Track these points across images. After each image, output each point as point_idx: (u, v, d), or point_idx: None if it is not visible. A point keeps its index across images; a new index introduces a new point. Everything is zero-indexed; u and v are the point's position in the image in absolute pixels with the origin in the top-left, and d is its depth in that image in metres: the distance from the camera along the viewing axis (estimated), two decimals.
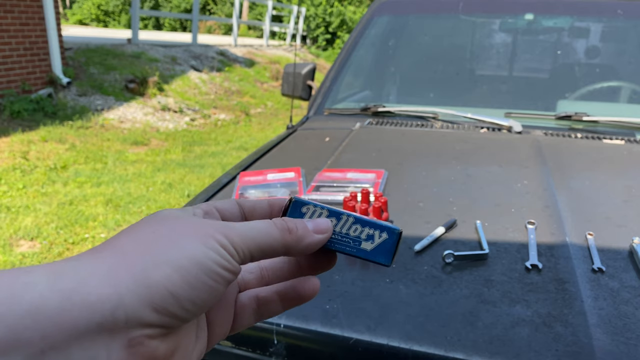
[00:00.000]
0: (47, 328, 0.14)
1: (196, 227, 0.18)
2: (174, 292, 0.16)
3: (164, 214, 0.19)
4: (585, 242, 0.59)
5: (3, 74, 3.52)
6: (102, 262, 0.16)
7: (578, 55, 1.34)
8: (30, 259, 1.73)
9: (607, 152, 0.93)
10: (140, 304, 0.16)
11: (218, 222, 0.19)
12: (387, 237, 0.22)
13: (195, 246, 0.17)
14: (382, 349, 0.43)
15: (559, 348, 0.42)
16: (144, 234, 0.18)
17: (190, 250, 0.17)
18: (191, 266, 0.17)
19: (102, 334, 0.15)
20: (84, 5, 15.23)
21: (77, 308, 0.15)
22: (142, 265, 0.16)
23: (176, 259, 0.17)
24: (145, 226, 0.18)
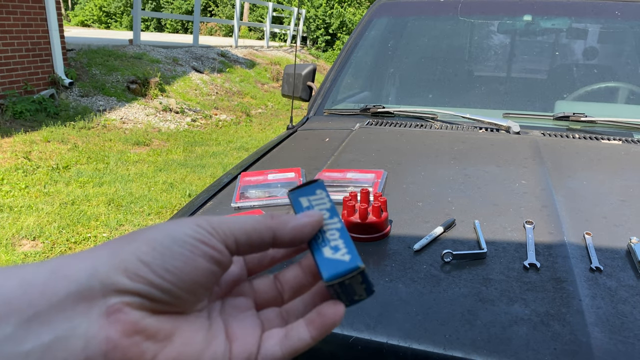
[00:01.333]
0: (33, 297, 0.16)
1: (182, 219, 0.20)
2: (143, 259, 0.17)
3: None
4: (583, 241, 0.60)
5: (5, 75, 3.53)
6: (90, 250, 0.18)
7: (576, 56, 1.34)
8: (33, 259, 1.74)
9: (604, 152, 0.93)
10: (112, 271, 0.17)
11: (203, 216, 0.20)
12: (346, 260, 0.20)
13: (173, 226, 0.19)
14: (381, 347, 0.44)
15: (557, 346, 0.42)
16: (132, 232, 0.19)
17: (166, 228, 0.18)
18: (163, 238, 0.18)
19: (81, 303, 0.16)
20: (86, 7, 15.29)
21: (59, 279, 0.17)
22: (119, 243, 0.18)
23: (150, 234, 0.18)
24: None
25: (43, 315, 0.16)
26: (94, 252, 0.18)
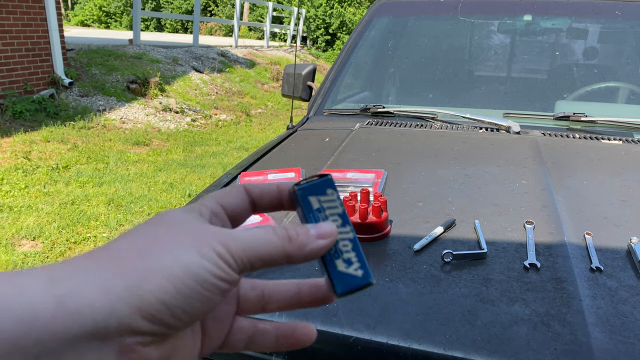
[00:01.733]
0: (40, 334, 0.15)
1: (196, 234, 0.18)
2: (165, 302, 0.16)
3: (167, 216, 0.19)
4: (583, 241, 0.60)
5: (5, 75, 3.53)
6: (97, 268, 0.17)
7: (576, 56, 1.34)
8: (32, 259, 1.74)
9: (605, 152, 0.93)
10: (132, 312, 0.16)
11: (218, 230, 0.19)
12: (359, 276, 0.21)
13: (191, 256, 0.17)
14: (381, 347, 0.44)
15: (557, 347, 0.42)
16: (142, 239, 0.18)
17: (185, 259, 0.17)
18: (185, 276, 0.17)
19: (94, 340, 0.16)
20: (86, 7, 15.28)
21: (70, 315, 0.15)
22: (136, 274, 0.16)
23: (170, 268, 0.17)
24: (145, 230, 0.18)
25: (52, 352, 0.15)
26: (105, 279, 0.16)
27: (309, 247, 0.20)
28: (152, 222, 0.19)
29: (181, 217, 0.19)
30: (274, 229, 0.20)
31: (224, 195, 0.22)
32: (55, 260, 1.74)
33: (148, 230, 0.18)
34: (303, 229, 0.20)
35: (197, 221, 0.19)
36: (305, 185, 0.21)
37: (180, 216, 0.19)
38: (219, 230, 0.19)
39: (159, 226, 0.19)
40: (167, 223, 0.19)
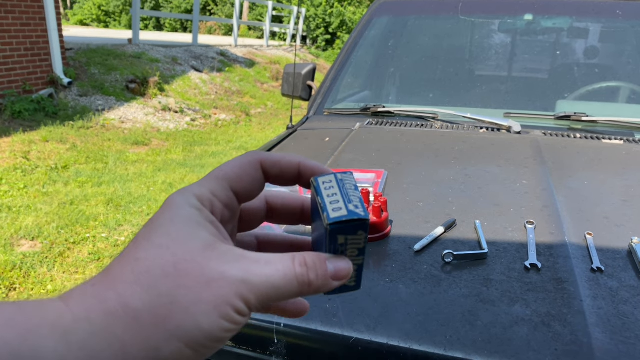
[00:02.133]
0: None
1: (215, 284, 0.17)
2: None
3: (174, 233, 0.17)
4: (584, 241, 0.60)
5: (4, 75, 3.52)
6: (114, 328, 0.16)
7: (577, 55, 1.34)
8: (32, 259, 1.73)
9: (606, 152, 0.93)
10: None
11: (238, 273, 0.17)
12: (352, 285, 0.21)
13: (212, 321, 0.17)
14: (381, 348, 0.43)
15: (558, 347, 0.42)
16: (161, 298, 0.16)
17: (206, 324, 0.17)
18: (204, 339, 0.17)
19: None
20: (85, 6, 15.26)
21: None
22: (155, 339, 0.16)
23: (191, 334, 0.17)
24: (159, 264, 0.17)
25: None
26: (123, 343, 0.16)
27: (323, 289, 0.19)
28: (165, 245, 0.17)
29: (198, 238, 0.18)
30: (296, 275, 0.18)
31: (238, 179, 0.20)
32: (55, 261, 1.74)
33: (163, 272, 0.17)
34: (323, 270, 0.19)
35: (215, 244, 0.18)
36: (341, 224, 0.19)
37: (196, 234, 0.18)
38: (239, 273, 0.17)
39: (175, 264, 0.17)
40: (181, 252, 0.17)
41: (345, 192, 0.20)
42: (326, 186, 0.20)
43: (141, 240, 0.18)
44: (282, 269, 0.18)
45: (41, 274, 1.65)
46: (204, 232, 0.18)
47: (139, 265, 0.17)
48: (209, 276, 0.17)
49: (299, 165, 0.21)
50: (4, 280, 1.58)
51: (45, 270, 1.67)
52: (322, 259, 0.19)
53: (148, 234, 0.18)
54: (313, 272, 0.19)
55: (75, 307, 0.16)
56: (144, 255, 0.17)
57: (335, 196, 0.19)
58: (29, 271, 1.66)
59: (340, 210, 0.19)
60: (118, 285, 0.17)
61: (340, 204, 0.19)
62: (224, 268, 0.17)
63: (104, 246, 1.87)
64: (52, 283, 1.61)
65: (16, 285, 1.58)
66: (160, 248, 0.17)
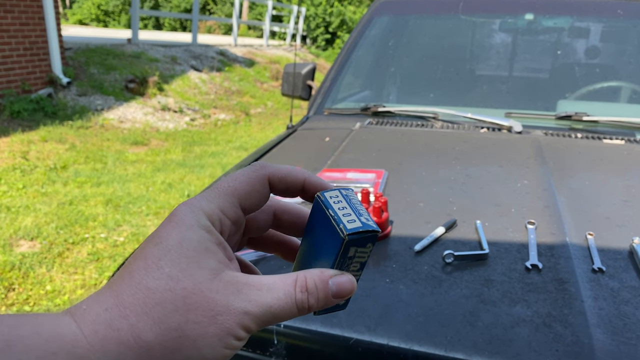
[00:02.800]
0: None
1: (220, 315, 0.18)
2: None
3: (183, 263, 0.18)
4: (585, 242, 0.59)
5: (3, 74, 3.52)
6: (127, 358, 0.17)
7: (578, 55, 1.34)
8: (30, 259, 1.73)
9: (607, 152, 0.93)
10: None
11: (241, 302, 0.18)
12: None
13: (216, 351, 0.18)
14: (382, 349, 0.43)
15: (559, 348, 0.42)
16: (171, 333, 0.17)
17: (209, 355, 0.18)
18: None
19: None
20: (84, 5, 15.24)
21: None
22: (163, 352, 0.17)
23: (196, 348, 0.18)
24: (169, 298, 0.18)
25: None
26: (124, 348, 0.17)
27: (324, 307, 0.20)
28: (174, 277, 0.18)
29: (206, 268, 0.18)
30: (295, 301, 0.19)
31: (247, 195, 0.21)
32: (54, 261, 1.73)
33: (173, 307, 0.18)
34: (323, 292, 0.19)
35: (221, 273, 0.19)
36: (354, 237, 0.19)
37: (204, 263, 0.18)
38: (241, 304, 0.19)
39: (184, 299, 0.18)
40: (190, 285, 0.18)
41: (353, 206, 0.20)
42: (334, 200, 0.20)
43: (151, 265, 0.18)
44: (284, 297, 0.19)
45: (40, 274, 1.65)
46: (212, 261, 0.19)
47: (150, 297, 0.18)
48: (215, 310, 0.18)
49: (304, 181, 0.22)
50: (3, 281, 1.58)
51: (44, 271, 1.67)
52: (324, 279, 0.20)
53: (158, 258, 0.18)
54: (313, 297, 0.19)
55: (90, 335, 0.17)
56: (155, 285, 0.18)
57: (345, 209, 0.20)
58: (28, 271, 1.66)
59: (354, 222, 0.19)
60: (130, 315, 0.18)
61: (353, 216, 0.19)
62: (229, 300, 0.18)
63: (103, 246, 1.87)
64: (51, 283, 1.60)
65: (15, 286, 1.57)
66: (171, 279, 0.18)
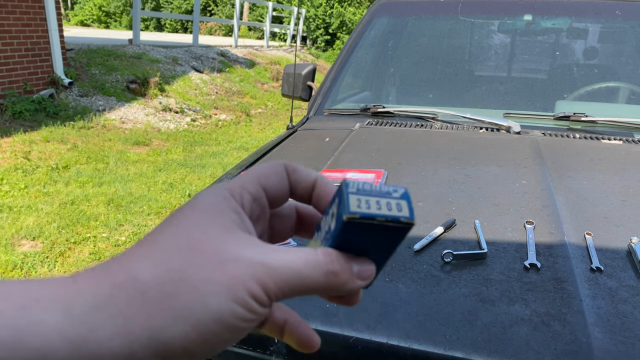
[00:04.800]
0: None
1: (231, 265, 0.16)
2: (188, 349, 0.15)
3: (194, 218, 0.17)
4: (583, 241, 0.60)
5: (5, 75, 3.53)
6: (118, 302, 0.15)
7: (576, 56, 1.34)
8: (32, 259, 1.73)
9: (605, 152, 0.93)
10: (151, 358, 0.15)
11: (257, 256, 0.16)
12: None
13: (223, 303, 0.15)
14: (381, 347, 0.44)
15: (558, 347, 0.42)
16: (170, 274, 0.15)
17: (216, 307, 0.15)
18: (213, 324, 0.15)
19: None
20: (86, 6, 15.28)
21: None
22: (161, 318, 0.15)
23: (198, 316, 0.15)
24: (173, 242, 0.16)
25: None
26: (126, 318, 0.15)
27: (348, 286, 0.18)
28: (179, 223, 0.17)
29: (217, 223, 0.17)
30: (319, 262, 0.17)
31: (266, 176, 0.20)
32: (55, 261, 1.74)
33: (175, 241, 0.16)
34: (347, 265, 0.18)
35: (234, 230, 0.17)
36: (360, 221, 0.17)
37: (211, 215, 0.17)
38: (257, 256, 0.16)
39: (186, 234, 0.16)
40: (197, 233, 0.16)
41: (382, 194, 0.19)
42: (359, 186, 0.18)
43: (162, 225, 0.18)
44: (305, 256, 0.17)
45: (42, 274, 1.65)
46: (224, 219, 0.17)
47: (153, 245, 0.16)
48: (224, 257, 0.16)
49: (316, 179, 0.21)
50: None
51: (46, 270, 1.68)
52: (345, 256, 0.18)
53: (169, 219, 0.18)
54: (337, 263, 0.17)
55: (81, 280, 0.15)
56: (160, 237, 0.17)
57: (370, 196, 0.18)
58: (30, 271, 1.66)
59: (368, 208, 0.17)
60: (129, 260, 0.16)
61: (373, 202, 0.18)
62: (242, 251, 0.16)
63: (104, 246, 1.87)
64: None
65: None
66: (178, 229, 0.17)
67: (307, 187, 0.21)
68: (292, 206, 0.23)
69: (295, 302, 0.41)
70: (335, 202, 0.19)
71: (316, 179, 0.21)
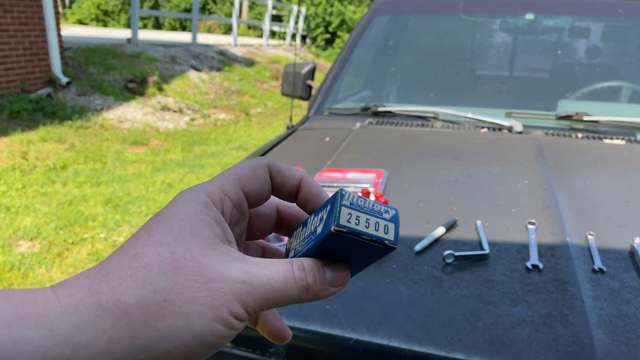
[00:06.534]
0: None
1: (213, 284, 0.16)
2: None
3: (176, 230, 0.17)
4: (585, 242, 0.59)
5: (2, 74, 3.51)
6: (102, 321, 0.15)
7: (578, 55, 1.34)
8: (30, 260, 1.72)
9: (607, 152, 0.93)
10: None
11: (238, 274, 0.17)
12: None
13: (205, 323, 0.16)
14: (382, 349, 0.43)
15: (560, 348, 0.42)
16: (156, 284, 0.16)
17: (198, 328, 0.16)
18: (194, 344, 0.16)
19: None
20: (84, 5, 15.23)
21: None
22: (144, 338, 0.15)
23: (181, 337, 0.16)
24: (156, 259, 0.16)
25: None
26: (110, 338, 0.15)
27: (321, 295, 0.19)
28: (165, 241, 0.17)
29: (200, 236, 0.17)
30: (294, 277, 0.18)
31: (248, 178, 0.20)
32: (53, 261, 1.73)
33: (160, 268, 0.16)
34: (321, 275, 0.18)
35: (216, 243, 0.17)
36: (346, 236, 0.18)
37: (198, 232, 0.17)
38: (239, 274, 0.17)
39: (173, 260, 0.16)
40: (181, 250, 0.16)
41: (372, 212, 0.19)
42: (354, 199, 0.19)
43: (142, 234, 0.17)
44: (282, 271, 0.18)
45: (39, 275, 1.64)
46: (207, 231, 0.17)
47: (136, 260, 0.16)
48: (208, 276, 0.16)
49: (302, 179, 0.21)
50: (2, 281, 1.58)
51: (44, 271, 1.67)
52: (319, 264, 0.19)
53: (150, 228, 0.17)
54: (311, 276, 0.18)
55: (65, 299, 0.15)
56: (143, 251, 0.16)
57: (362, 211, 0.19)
58: (27, 272, 1.65)
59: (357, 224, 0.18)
60: (112, 278, 0.16)
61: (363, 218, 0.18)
62: (224, 268, 0.17)
63: (102, 247, 1.86)
64: (51, 284, 1.60)
65: (14, 286, 1.57)
66: (161, 245, 0.17)
67: (291, 188, 0.21)
68: (273, 206, 0.23)
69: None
70: (326, 208, 0.19)
71: (301, 180, 0.21)
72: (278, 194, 0.21)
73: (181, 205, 0.18)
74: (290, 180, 0.21)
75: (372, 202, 0.19)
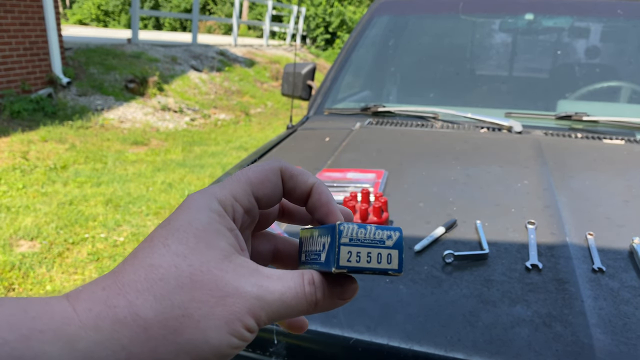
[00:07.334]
0: None
1: (228, 298, 0.17)
2: None
3: (192, 242, 0.17)
4: (585, 242, 0.59)
5: (3, 74, 3.52)
6: (121, 337, 0.15)
7: (578, 55, 1.34)
8: (30, 259, 1.73)
9: (607, 152, 0.93)
10: None
11: (252, 288, 0.17)
12: None
13: (222, 336, 0.16)
14: (382, 349, 0.43)
15: (559, 348, 0.42)
16: (174, 310, 0.16)
17: (215, 340, 0.16)
18: (211, 355, 0.16)
19: None
20: (84, 5, 15.24)
21: None
22: (163, 355, 0.16)
23: (199, 349, 0.16)
24: (173, 273, 0.16)
25: None
26: (129, 354, 0.15)
27: (329, 308, 0.19)
28: (181, 252, 0.17)
29: (215, 247, 0.17)
30: (305, 293, 0.18)
31: (260, 183, 0.20)
32: (54, 261, 1.73)
33: (178, 282, 0.16)
34: (330, 290, 0.19)
35: (231, 254, 0.18)
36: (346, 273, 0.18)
37: (214, 243, 0.17)
38: (253, 290, 0.17)
39: (190, 274, 0.16)
40: (197, 263, 0.17)
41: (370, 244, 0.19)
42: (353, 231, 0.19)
43: (157, 243, 0.17)
44: (294, 286, 0.18)
45: (40, 275, 1.65)
46: (222, 242, 0.18)
47: (153, 273, 0.16)
48: (224, 291, 0.17)
49: (313, 186, 0.21)
50: (3, 281, 1.58)
51: (44, 271, 1.67)
52: (329, 281, 0.19)
53: (165, 237, 0.17)
54: (320, 291, 0.19)
55: (82, 313, 0.15)
56: (159, 262, 0.17)
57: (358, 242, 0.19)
58: (28, 271, 1.66)
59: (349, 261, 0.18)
60: (130, 292, 0.16)
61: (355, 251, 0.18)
62: (239, 283, 0.17)
63: (102, 246, 1.87)
64: (51, 283, 1.60)
65: (15, 286, 1.57)
66: (177, 256, 0.17)
67: (302, 194, 0.21)
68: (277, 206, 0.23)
69: None
70: (328, 237, 0.19)
71: (313, 186, 0.21)
72: (289, 198, 0.21)
73: (194, 212, 0.18)
74: (302, 186, 0.21)
75: (373, 229, 0.19)
